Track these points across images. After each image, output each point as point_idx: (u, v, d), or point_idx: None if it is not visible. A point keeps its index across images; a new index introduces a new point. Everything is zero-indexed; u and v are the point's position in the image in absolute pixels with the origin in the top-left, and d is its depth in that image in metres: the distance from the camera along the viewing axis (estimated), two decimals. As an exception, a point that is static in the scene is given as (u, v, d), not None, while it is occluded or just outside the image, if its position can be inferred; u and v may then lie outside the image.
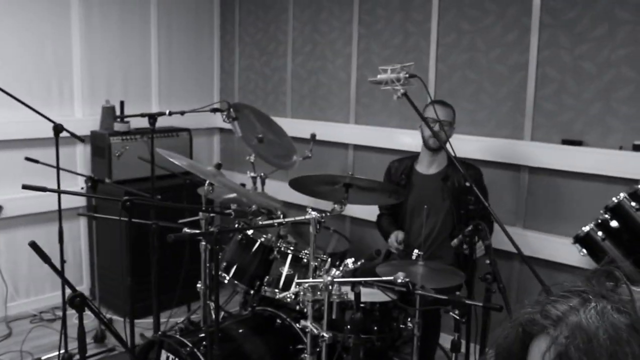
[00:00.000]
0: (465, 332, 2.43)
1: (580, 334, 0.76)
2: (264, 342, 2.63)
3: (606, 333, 0.75)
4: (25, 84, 4.00)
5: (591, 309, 0.78)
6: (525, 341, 0.84)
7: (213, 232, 1.97)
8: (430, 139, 3.15)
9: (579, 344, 0.76)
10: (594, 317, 0.77)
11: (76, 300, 1.96)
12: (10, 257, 4.12)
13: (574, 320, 0.78)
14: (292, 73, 4.53)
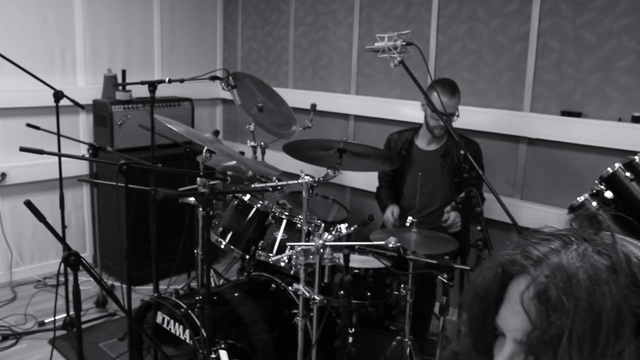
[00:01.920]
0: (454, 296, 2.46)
1: (560, 274, 0.76)
2: (259, 305, 2.67)
3: (586, 273, 0.75)
4: (29, 53, 4.02)
5: (572, 250, 0.78)
6: (505, 281, 0.84)
7: (204, 192, 1.99)
8: (436, 129, 3.15)
9: (558, 283, 0.76)
10: (575, 258, 0.77)
11: (71, 259, 1.99)
12: (15, 224, 4.18)
13: (554, 261, 0.78)
14: (294, 43, 4.52)
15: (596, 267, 0.75)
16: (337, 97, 4.24)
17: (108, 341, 3.47)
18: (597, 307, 0.73)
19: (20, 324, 3.62)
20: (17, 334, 3.49)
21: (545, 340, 0.76)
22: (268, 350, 2.58)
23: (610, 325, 0.73)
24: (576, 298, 0.74)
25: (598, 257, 0.76)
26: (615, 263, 0.75)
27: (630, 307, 0.73)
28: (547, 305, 0.76)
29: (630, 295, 0.73)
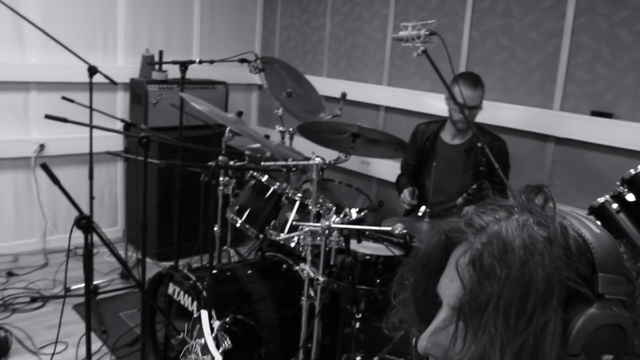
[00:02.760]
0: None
1: (497, 242, 0.76)
2: (269, 284, 2.71)
3: (522, 243, 0.74)
4: (73, 32, 4.16)
5: (514, 220, 0.78)
6: (448, 248, 0.85)
7: (211, 165, 2.04)
8: (459, 123, 3.13)
9: (493, 251, 0.76)
10: (514, 228, 0.76)
11: (82, 222, 2.07)
12: (51, 195, 4.34)
13: (493, 229, 0.78)
14: (330, 33, 4.54)
15: (533, 237, 0.75)
16: (369, 88, 4.25)
17: (128, 311, 3.58)
18: (527, 276, 0.73)
19: (49, 288, 3.77)
20: (44, 297, 3.64)
21: (474, 306, 0.76)
22: (274, 328, 2.62)
23: (538, 295, 0.72)
24: (509, 266, 0.74)
25: (537, 228, 0.76)
26: (551, 234, 0.75)
27: (560, 279, 0.72)
28: (480, 272, 0.76)
29: (562, 267, 0.73)
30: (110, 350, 3.16)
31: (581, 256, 0.74)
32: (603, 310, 0.72)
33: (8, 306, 3.50)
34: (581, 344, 0.72)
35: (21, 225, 4.30)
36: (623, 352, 0.73)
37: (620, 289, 0.73)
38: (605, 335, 0.72)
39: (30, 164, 4.20)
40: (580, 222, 0.79)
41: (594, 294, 0.73)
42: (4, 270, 3.95)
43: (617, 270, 0.74)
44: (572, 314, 0.73)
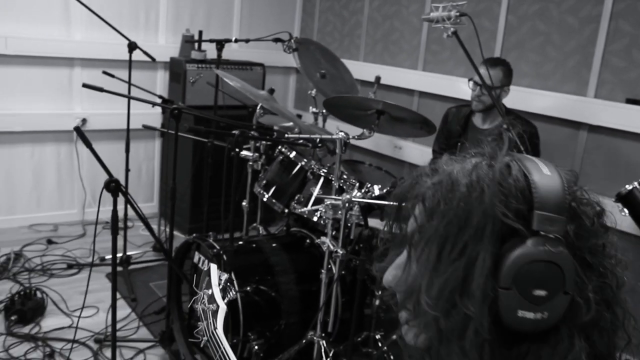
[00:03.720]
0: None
1: (446, 181, 0.80)
2: (291, 258, 2.77)
3: (468, 182, 0.78)
4: (117, 10, 4.29)
5: (468, 163, 0.81)
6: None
7: (234, 134, 2.10)
8: (473, 102, 3.13)
9: (441, 189, 0.80)
10: (465, 169, 0.80)
11: (111, 185, 2.16)
12: (91, 168, 4.49)
13: (447, 171, 0.81)
14: (368, 17, 4.56)
15: (479, 177, 0.78)
16: (404, 72, 4.25)
17: (158, 282, 3.69)
18: (466, 212, 0.76)
19: (85, 257, 3.92)
20: (80, 265, 3.78)
21: (418, 238, 0.81)
22: (294, 300, 2.68)
23: (472, 229, 0.76)
24: (451, 202, 0.78)
25: (487, 169, 0.79)
26: (495, 172, 0.78)
27: (495, 215, 0.75)
28: (427, 208, 0.81)
29: (498, 204, 0.75)
30: (139, 317, 3.28)
31: (519, 195, 0.76)
32: (535, 246, 0.74)
33: (46, 271, 3.66)
34: (512, 278, 0.74)
35: (62, 196, 4.47)
36: (559, 290, 0.74)
37: (559, 228, 0.75)
38: (537, 271, 0.74)
39: (73, 138, 4.36)
40: (533, 163, 0.80)
41: (529, 231, 0.75)
42: (45, 237, 4.12)
43: (558, 209, 0.75)
44: (505, 249, 0.75)
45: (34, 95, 4.19)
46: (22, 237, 4.11)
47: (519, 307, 0.74)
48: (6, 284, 3.45)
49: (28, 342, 2.91)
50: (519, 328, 0.75)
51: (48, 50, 4.15)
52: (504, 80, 3.06)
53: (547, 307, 0.74)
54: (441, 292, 0.77)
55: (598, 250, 0.78)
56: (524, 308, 0.74)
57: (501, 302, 0.74)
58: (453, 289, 0.77)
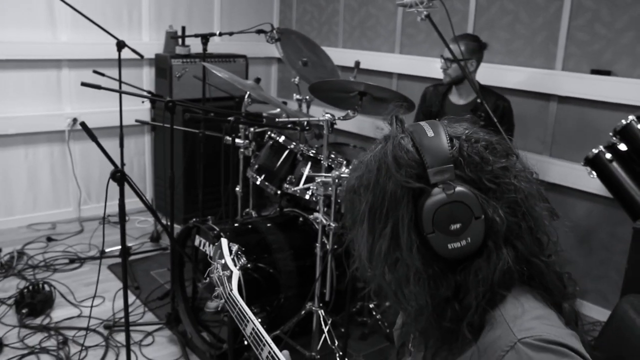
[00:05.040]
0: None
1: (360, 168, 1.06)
2: (286, 236, 2.94)
3: (377, 163, 1.02)
4: (100, 11, 4.40)
5: (376, 148, 1.06)
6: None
7: (230, 119, 2.26)
8: (443, 76, 3.31)
9: (359, 175, 1.05)
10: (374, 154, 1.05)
11: (117, 175, 2.31)
12: (85, 166, 4.62)
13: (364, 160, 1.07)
14: (345, 4, 4.72)
15: (381, 157, 1.02)
16: (382, 56, 4.43)
17: (158, 270, 3.85)
18: (379, 187, 1.01)
19: (85, 251, 4.06)
20: (81, 259, 3.93)
21: (350, 220, 1.08)
22: (292, 274, 2.86)
23: (387, 197, 0.99)
24: (369, 184, 1.02)
25: (390, 149, 1.02)
26: (390, 150, 1.02)
27: (399, 182, 0.98)
28: (349, 195, 1.07)
29: (397, 173, 0.99)
30: (143, 303, 3.43)
31: (412, 162, 0.99)
32: (437, 195, 0.96)
33: (50, 266, 3.80)
34: (431, 223, 0.97)
35: (58, 195, 4.60)
36: (470, 218, 0.96)
37: (450, 174, 0.97)
38: (446, 211, 0.96)
39: (65, 137, 4.48)
40: (420, 129, 1.03)
41: (430, 185, 0.97)
42: (44, 235, 4.26)
43: (445, 161, 0.97)
44: (419, 206, 0.97)
45: (24, 97, 4.30)
46: (22, 237, 4.24)
47: (446, 242, 0.97)
48: (13, 280, 3.59)
49: (41, 332, 3.05)
50: (455, 256, 0.98)
51: (36, 53, 4.26)
52: (468, 54, 3.22)
53: (467, 234, 0.96)
54: (379, 254, 1.03)
55: (497, 174, 1.00)
56: (450, 241, 0.97)
57: (433, 243, 0.97)
58: (388, 248, 1.01)
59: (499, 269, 0.96)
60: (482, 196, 0.97)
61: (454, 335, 1.00)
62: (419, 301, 1.00)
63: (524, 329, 0.92)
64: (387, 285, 1.05)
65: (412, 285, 1.00)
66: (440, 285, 0.99)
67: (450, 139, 1.00)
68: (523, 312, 0.94)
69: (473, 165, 0.98)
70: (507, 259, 0.97)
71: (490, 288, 0.96)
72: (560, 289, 1.02)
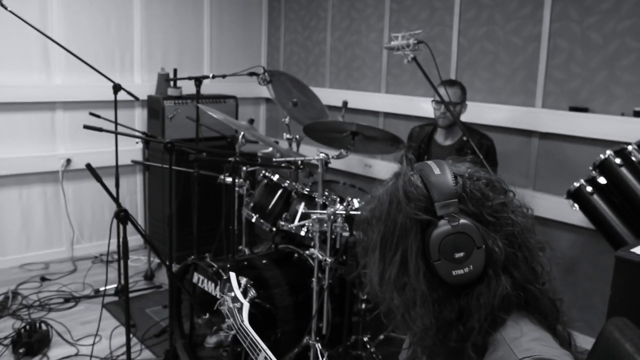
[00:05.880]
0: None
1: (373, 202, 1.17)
2: (282, 272, 3.02)
3: (387, 198, 1.14)
4: (93, 54, 4.52)
5: (387, 184, 1.18)
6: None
7: (231, 160, 2.36)
8: (439, 119, 3.45)
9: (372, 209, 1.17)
10: (386, 189, 1.16)
11: (121, 215, 2.40)
12: (77, 205, 4.68)
13: (376, 195, 1.18)
14: (331, 47, 4.90)
15: (393, 192, 1.14)
16: (368, 96, 4.58)
17: (153, 308, 3.90)
18: (390, 219, 1.12)
19: (79, 290, 4.10)
20: (76, 297, 3.96)
21: (363, 249, 1.20)
22: (288, 309, 2.93)
23: (397, 228, 1.11)
24: (381, 217, 1.14)
25: (401, 185, 1.14)
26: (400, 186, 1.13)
27: (408, 215, 1.10)
28: (362, 226, 1.19)
29: (406, 207, 1.11)
30: (140, 341, 3.47)
31: (421, 197, 1.11)
32: (443, 226, 1.08)
33: (45, 306, 3.83)
34: (437, 252, 1.08)
35: (51, 235, 4.64)
36: (473, 247, 1.07)
37: (455, 208, 1.09)
38: (451, 241, 1.07)
39: (58, 178, 4.54)
40: (428, 168, 1.15)
41: (437, 217, 1.09)
42: (37, 275, 4.29)
43: (450, 196, 1.09)
44: (427, 235, 1.09)
45: (18, 139, 4.38)
46: (15, 277, 4.26)
47: (451, 269, 1.08)
48: (8, 320, 3.61)
49: (39, 371, 3.08)
50: (459, 282, 1.09)
51: (30, 95, 4.35)
52: (462, 97, 3.39)
53: (470, 262, 1.08)
54: (389, 279, 1.16)
55: (497, 209, 1.12)
56: (455, 268, 1.08)
57: (438, 270, 1.09)
58: (397, 273, 1.13)
59: (499, 295, 1.07)
60: (483, 228, 1.08)
61: (459, 355, 1.10)
62: (424, 322, 1.11)
63: (524, 349, 1.02)
64: (396, 308, 1.16)
65: (418, 307, 1.11)
66: (444, 308, 1.10)
67: (455, 177, 1.11)
68: (522, 334, 1.05)
69: (475, 201, 1.10)
70: (506, 286, 1.08)
71: (491, 312, 1.07)
72: (554, 313, 1.13)
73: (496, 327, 1.08)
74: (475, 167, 1.17)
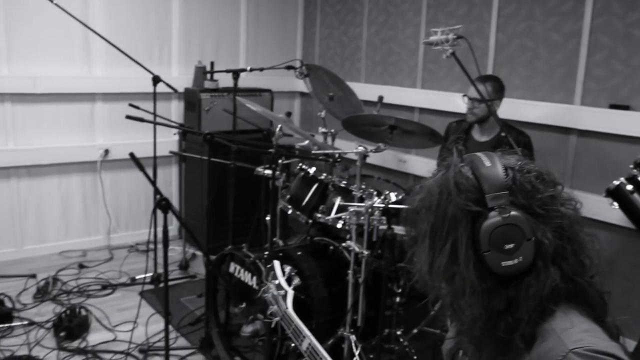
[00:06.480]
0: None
1: (423, 192, 1.19)
2: (318, 264, 3.05)
3: (439, 188, 1.15)
4: (132, 46, 4.60)
5: (438, 174, 1.19)
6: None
7: (271, 151, 2.39)
8: (467, 115, 3.43)
9: (422, 199, 1.18)
10: (436, 180, 1.17)
11: (162, 203, 2.45)
12: (114, 195, 4.78)
13: (426, 185, 1.19)
14: (367, 41, 4.90)
15: (444, 183, 1.15)
16: (404, 91, 4.58)
17: (188, 297, 3.96)
18: (442, 210, 1.13)
19: (116, 278, 4.18)
20: (113, 285, 4.04)
21: (412, 238, 1.21)
22: (324, 300, 2.96)
23: (447, 219, 1.12)
24: (431, 207, 1.15)
25: (451, 176, 1.15)
26: (452, 177, 1.14)
27: (459, 206, 1.12)
28: (412, 215, 1.20)
29: (457, 198, 1.12)
30: (175, 329, 3.53)
31: (471, 188, 1.12)
32: (494, 218, 1.09)
33: (83, 292, 3.92)
34: (487, 243, 1.09)
35: (88, 223, 4.74)
36: (522, 239, 1.08)
37: (505, 200, 1.10)
38: (501, 232, 1.08)
39: (96, 168, 4.64)
40: (478, 160, 1.16)
41: (487, 209, 1.10)
42: (76, 262, 4.39)
43: (501, 188, 1.10)
44: (477, 226, 1.10)
45: (59, 129, 4.48)
46: (54, 263, 4.37)
47: (500, 260, 1.10)
48: (49, 305, 3.71)
49: (79, 355, 3.16)
50: (508, 273, 1.10)
51: (71, 87, 4.45)
52: (494, 94, 3.36)
53: (519, 253, 1.09)
54: (439, 268, 1.16)
55: (546, 201, 1.13)
56: (504, 259, 1.09)
57: (488, 261, 1.10)
58: (447, 263, 1.14)
59: (547, 286, 1.08)
60: (532, 220, 1.09)
61: (507, 345, 1.11)
62: (473, 311, 1.12)
63: (575, 340, 1.02)
64: (444, 297, 1.17)
65: (467, 297, 1.12)
66: (493, 298, 1.11)
67: (505, 169, 1.12)
68: (572, 325, 1.05)
69: (525, 193, 1.10)
70: (555, 277, 1.08)
71: (540, 303, 1.08)
72: (602, 305, 1.13)
73: (545, 318, 1.08)
74: (525, 160, 1.17)
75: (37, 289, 3.85)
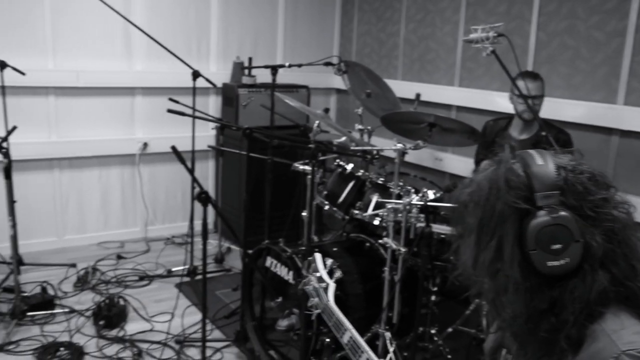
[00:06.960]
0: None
1: (472, 186, 1.17)
2: (354, 260, 3.05)
3: (488, 184, 1.14)
4: (172, 41, 4.62)
5: (488, 170, 1.17)
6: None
7: (311, 147, 2.41)
8: (525, 113, 3.38)
9: (472, 193, 1.16)
10: (486, 176, 1.16)
11: (202, 196, 2.49)
12: (152, 188, 4.86)
13: (476, 179, 1.18)
14: (404, 39, 4.88)
15: (494, 179, 1.13)
16: (441, 89, 4.55)
17: (223, 290, 4.01)
18: (491, 205, 1.12)
19: (153, 269, 4.26)
20: (150, 276, 4.12)
21: (458, 231, 1.20)
22: (359, 297, 2.96)
23: (495, 215, 1.11)
24: (480, 202, 1.14)
25: (502, 172, 1.13)
26: (503, 173, 1.13)
27: (507, 202, 1.10)
28: (467, 210, 1.17)
29: (506, 195, 1.10)
30: (211, 321, 3.58)
31: (522, 185, 1.10)
32: (543, 217, 1.07)
33: (121, 282, 4.00)
34: (534, 242, 1.08)
35: (126, 215, 4.83)
36: (571, 240, 1.06)
37: (555, 200, 1.08)
38: (549, 232, 1.06)
39: (135, 161, 4.72)
40: (530, 157, 1.15)
41: (536, 207, 1.08)
42: (114, 253, 4.48)
43: (552, 187, 1.09)
44: (525, 224, 1.09)
45: (99, 122, 4.57)
46: (93, 254, 4.47)
47: (546, 260, 1.08)
48: (88, 294, 3.80)
49: (117, 343, 3.23)
50: (553, 273, 1.08)
51: (112, 81, 4.54)
52: (543, 91, 3.32)
53: (567, 254, 1.07)
54: (483, 263, 1.16)
55: (598, 204, 1.10)
56: (550, 260, 1.08)
57: (533, 259, 1.09)
58: (491, 259, 1.13)
59: (595, 290, 1.06)
60: (582, 222, 1.07)
61: (551, 346, 1.10)
62: (514, 309, 1.12)
63: (627, 342, 1.01)
64: (486, 292, 1.17)
65: (509, 294, 1.12)
66: (536, 297, 1.10)
67: (557, 168, 1.11)
68: (623, 327, 1.04)
69: (576, 194, 1.09)
70: (603, 281, 1.07)
71: (587, 305, 1.06)
72: None
73: (593, 320, 1.07)
74: (578, 160, 1.16)
75: (77, 278, 3.95)
